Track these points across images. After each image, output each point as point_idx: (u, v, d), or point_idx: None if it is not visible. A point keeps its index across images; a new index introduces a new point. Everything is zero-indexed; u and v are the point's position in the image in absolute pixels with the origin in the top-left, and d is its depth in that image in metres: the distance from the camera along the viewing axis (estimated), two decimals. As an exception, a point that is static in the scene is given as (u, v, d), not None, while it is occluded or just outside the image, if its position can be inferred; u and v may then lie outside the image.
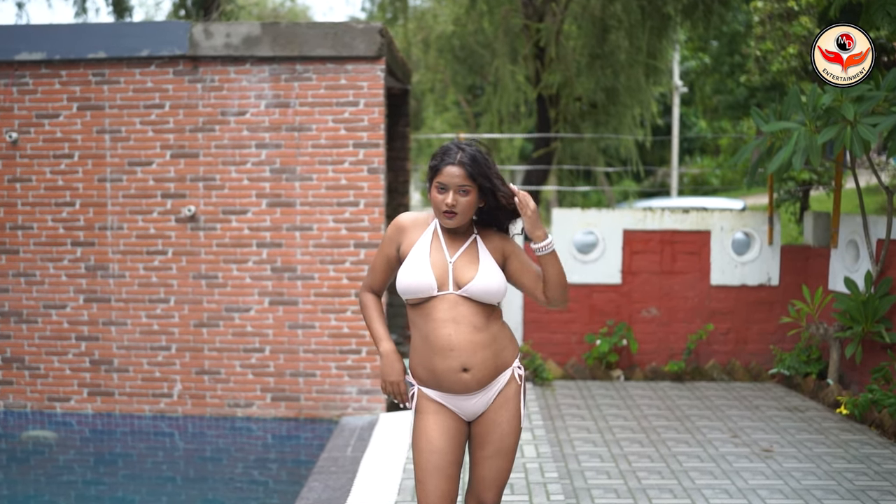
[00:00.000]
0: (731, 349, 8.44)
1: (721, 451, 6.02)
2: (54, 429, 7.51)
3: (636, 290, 8.46)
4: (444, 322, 3.11)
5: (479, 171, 3.11)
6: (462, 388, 3.15)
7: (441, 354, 3.12)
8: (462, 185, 3.09)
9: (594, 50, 11.14)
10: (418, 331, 3.19)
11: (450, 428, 3.18)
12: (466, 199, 3.11)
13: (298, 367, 7.42)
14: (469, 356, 3.12)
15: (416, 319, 3.19)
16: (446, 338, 3.11)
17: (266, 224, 7.39)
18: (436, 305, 3.13)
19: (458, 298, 3.13)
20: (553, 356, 8.43)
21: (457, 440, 3.20)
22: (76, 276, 7.53)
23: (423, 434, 3.18)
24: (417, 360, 3.21)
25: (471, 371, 3.13)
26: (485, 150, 3.20)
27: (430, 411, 3.19)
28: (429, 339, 3.14)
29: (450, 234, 3.22)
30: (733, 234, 8.44)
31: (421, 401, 3.22)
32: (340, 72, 7.26)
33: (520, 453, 5.86)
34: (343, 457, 6.05)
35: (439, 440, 3.16)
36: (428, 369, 3.17)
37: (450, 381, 3.14)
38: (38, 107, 7.47)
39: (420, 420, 3.21)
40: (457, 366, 3.12)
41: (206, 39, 7.28)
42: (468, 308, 3.13)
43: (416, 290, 3.13)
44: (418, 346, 3.19)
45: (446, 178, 3.10)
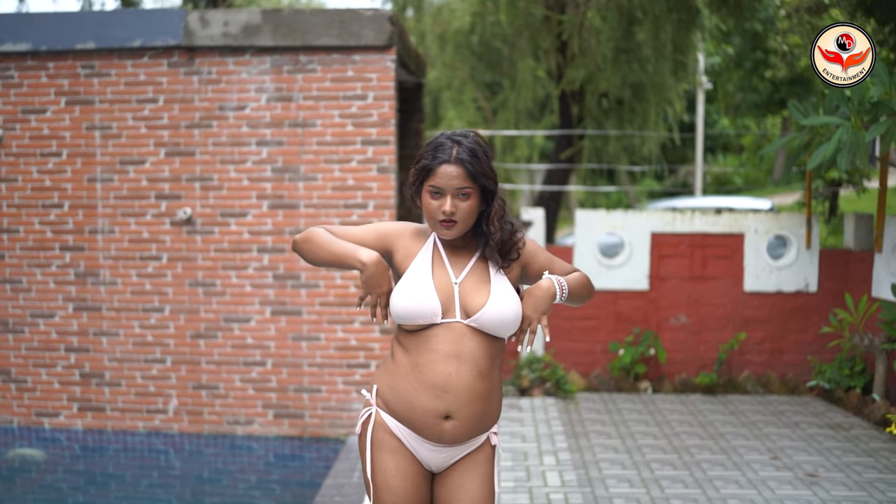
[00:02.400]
0: (766, 360, 8.09)
1: (761, 475, 5.63)
2: (42, 446, 7.20)
3: (664, 297, 8.13)
4: (446, 357, 2.58)
5: (481, 168, 2.59)
6: (435, 437, 2.63)
7: (430, 392, 2.59)
8: (462, 187, 2.57)
9: (619, 44, 10.77)
10: (408, 357, 2.64)
11: (414, 475, 2.66)
12: (467, 204, 2.58)
13: (303, 381, 7.03)
14: (461, 404, 2.60)
15: (409, 344, 2.65)
16: (444, 376, 2.58)
17: (267, 227, 7.03)
18: (437, 335, 2.60)
19: (464, 329, 2.60)
20: (576, 366, 8.11)
21: (422, 489, 2.68)
22: (65, 283, 7.19)
23: (383, 482, 2.65)
24: (392, 382, 2.66)
25: (454, 421, 2.60)
26: (483, 141, 2.66)
27: (389, 449, 2.65)
28: (421, 371, 2.60)
29: (452, 249, 2.69)
30: (768, 237, 8.03)
31: (377, 431, 2.67)
32: (347, 63, 6.88)
33: (542, 481, 5.44)
34: (349, 483, 5.62)
35: (402, 490, 2.64)
36: (405, 400, 2.62)
37: (424, 423, 2.61)
38: (23, 101, 7.17)
39: (377, 460, 2.66)
40: (442, 410, 2.59)
41: (202, 28, 6.88)
42: (476, 345, 2.61)
43: (415, 315, 2.59)
44: (402, 372, 2.64)
45: (442, 179, 2.57)
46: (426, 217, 2.63)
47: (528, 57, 11.55)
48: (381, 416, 2.67)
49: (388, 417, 2.67)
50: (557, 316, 8.04)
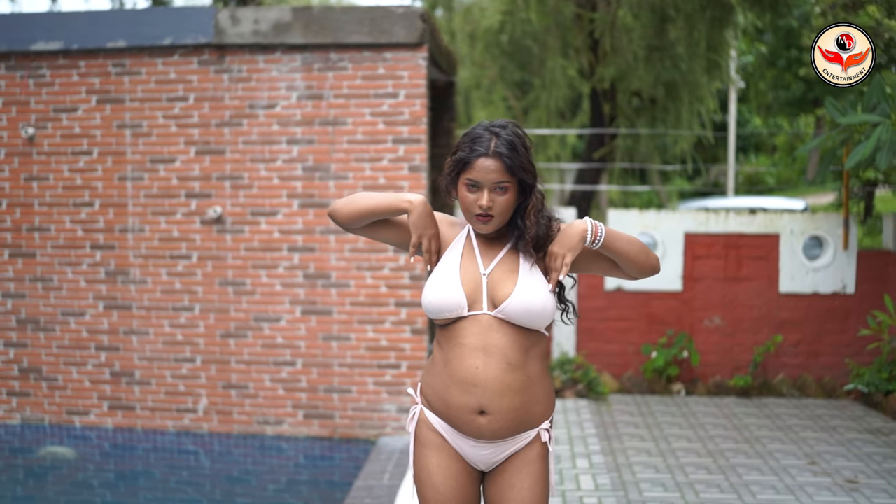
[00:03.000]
0: (802, 362, 7.96)
1: (799, 480, 5.51)
2: (73, 444, 7.20)
3: (698, 298, 8.02)
4: (473, 351, 2.52)
5: (520, 162, 2.50)
6: (474, 433, 2.56)
7: (460, 387, 2.53)
8: (499, 181, 2.49)
9: (652, 41, 10.62)
10: (441, 353, 2.60)
11: (458, 472, 2.60)
12: (504, 199, 2.51)
13: (333, 382, 6.95)
14: (493, 398, 2.52)
15: (442, 340, 2.61)
16: (471, 370, 2.52)
17: (298, 227, 6.96)
18: (465, 328, 2.54)
19: (492, 321, 2.53)
20: (608, 368, 8.01)
21: (467, 486, 2.62)
22: (95, 282, 7.16)
23: (426, 478, 2.62)
24: (431, 381, 2.63)
25: (489, 416, 2.53)
26: (522, 132, 2.58)
27: (432, 446, 2.61)
28: (451, 366, 2.55)
29: (484, 240, 2.63)
30: (804, 238, 7.90)
31: (421, 428, 2.64)
32: (378, 60, 6.79)
33: (575, 485, 5.35)
34: (378, 485, 5.54)
35: (445, 486, 2.59)
36: (440, 397, 2.59)
37: (460, 420, 2.56)
38: (55, 100, 7.16)
39: (420, 456, 2.64)
40: (474, 405, 2.53)
41: (232, 26, 6.83)
42: (504, 336, 2.53)
43: (441, 309, 2.54)
44: (437, 368, 2.60)
45: (479, 173, 2.49)
46: (462, 210, 2.57)
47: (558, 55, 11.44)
48: (425, 413, 2.65)
49: (430, 415, 2.63)
50: (590, 318, 7.98)
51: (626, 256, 2.59)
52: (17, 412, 7.34)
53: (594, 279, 7.89)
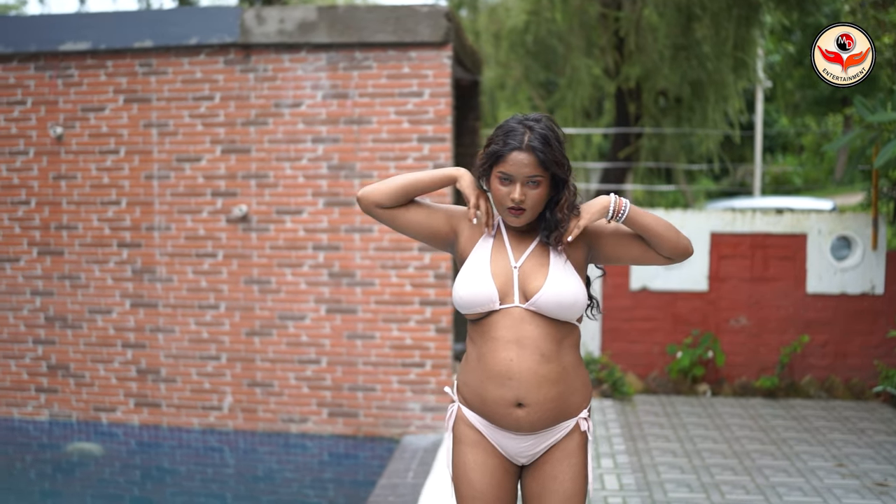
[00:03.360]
0: (830, 364, 7.86)
1: (826, 482, 5.45)
2: (100, 440, 7.25)
3: (724, 298, 7.95)
4: (506, 343, 2.53)
5: (553, 156, 2.50)
6: (512, 426, 2.57)
7: (495, 381, 2.54)
8: (532, 175, 2.49)
9: (677, 40, 10.55)
10: (475, 348, 2.61)
11: (495, 468, 2.61)
12: (537, 192, 2.51)
13: (357, 380, 6.95)
14: (529, 390, 2.53)
15: (474, 335, 2.62)
16: (505, 363, 2.52)
17: (323, 225, 6.95)
18: (497, 322, 2.54)
19: (524, 314, 2.54)
20: (633, 368, 7.97)
21: (504, 483, 2.62)
22: (122, 280, 7.20)
23: (462, 475, 2.62)
24: (466, 379, 2.64)
25: (526, 408, 2.54)
26: (556, 127, 2.58)
27: (469, 442, 2.62)
28: (485, 361, 2.56)
29: (515, 233, 2.63)
30: (832, 238, 7.82)
31: (458, 426, 2.65)
32: (403, 59, 6.79)
33: (600, 484, 5.33)
34: (403, 483, 5.53)
35: (481, 483, 2.59)
36: (477, 394, 2.59)
37: (499, 414, 2.56)
38: (83, 100, 7.20)
39: (458, 453, 2.64)
40: (511, 398, 2.53)
41: (258, 26, 6.85)
42: (537, 328, 2.53)
43: (473, 303, 2.54)
44: (472, 365, 2.61)
45: (512, 166, 2.49)
46: (494, 202, 2.57)
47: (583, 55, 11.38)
48: (463, 410, 2.65)
49: (468, 412, 2.64)
50: (615, 317, 7.93)
51: (653, 232, 2.58)
52: (45, 408, 7.40)
53: (620, 278, 7.85)
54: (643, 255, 2.65)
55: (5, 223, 7.37)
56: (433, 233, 2.68)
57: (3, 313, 7.41)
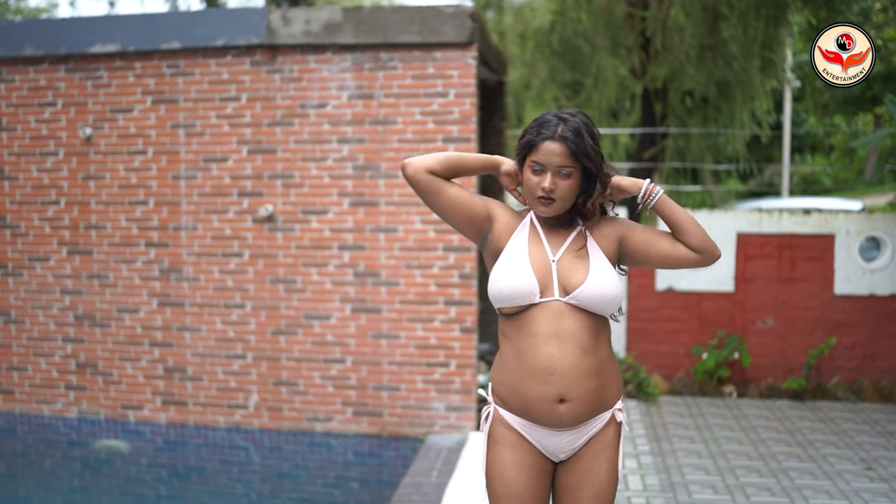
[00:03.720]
0: (858, 365, 7.80)
1: (854, 486, 5.41)
2: (127, 438, 7.30)
3: (750, 299, 7.92)
4: (546, 339, 2.53)
5: (584, 148, 2.52)
6: (554, 422, 2.57)
7: (537, 378, 2.53)
8: (563, 165, 2.52)
9: (704, 40, 10.49)
10: (511, 345, 2.59)
11: (531, 467, 2.60)
12: (568, 183, 2.54)
13: (382, 380, 6.96)
14: (571, 384, 2.53)
15: (510, 332, 2.60)
16: (547, 359, 2.52)
17: (348, 225, 6.97)
18: (535, 316, 2.54)
19: (563, 308, 2.54)
20: (659, 369, 7.93)
21: (539, 482, 2.62)
22: (150, 279, 7.26)
23: (498, 474, 2.61)
24: (503, 378, 2.62)
25: (569, 403, 2.54)
26: (590, 122, 2.61)
27: (506, 443, 2.60)
28: (524, 358, 2.55)
29: (549, 226, 2.64)
30: (860, 239, 7.75)
31: (496, 427, 2.63)
32: (428, 60, 6.79)
33: (624, 485, 5.31)
34: (427, 482, 5.54)
35: (517, 482, 2.58)
36: (517, 393, 2.58)
37: (540, 411, 2.56)
38: (112, 101, 7.26)
39: (494, 453, 2.63)
40: (553, 394, 2.53)
41: (284, 27, 6.88)
42: (576, 322, 2.54)
43: (513, 296, 2.54)
44: (509, 363, 2.60)
45: (544, 156, 2.53)
46: (526, 192, 2.60)
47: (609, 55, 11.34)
48: (500, 412, 2.64)
49: (505, 413, 2.63)
50: (641, 318, 7.91)
51: (681, 222, 2.62)
52: (73, 406, 7.48)
53: (645, 279, 7.82)
54: (671, 251, 2.66)
55: (36, 223, 7.46)
56: (471, 216, 2.66)
57: (33, 311, 7.50)
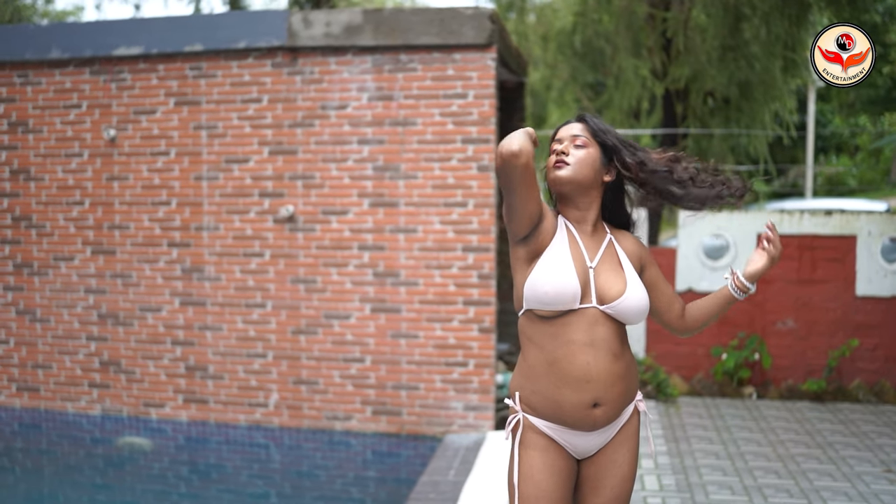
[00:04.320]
0: (880, 367, 7.74)
1: (873, 488, 5.37)
2: (149, 435, 7.38)
3: (771, 300, 7.88)
4: (583, 347, 2.55)
5: (599, 125, 2.66)
6: (588, 426, 2.61)
7: (573, 387, 2.56)
8: (577, 135, 2.65)
9: (726, 41, 10.43)
10: (542, 353, 2.60)
11: (560, 469, 2.62)
12: (583, 152, 2.62)
13: (401, 379, 7.00)
14: (605, 390, 2.58)
15: (540, 338, 2.60)
16: (584, 367, 2.55)
17: (368, 225, 7.01)
18: (572, 323, 2.55)
19: (598, 315, 2.57)
20: (678, 370, 7.91)
21: (567, 484, 2.65)
22: (172, 279, 7.34)
23: (528, 476, 2.61)
24: (533, 387, 2.62)
25: (603, 406, 2.59)
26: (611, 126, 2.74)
27: (537, 447, 2.62)
28: (559, 366, 2.57)
29: (585, 233, 2.66)
30: (882, 240, 7.70)
31: (526, 434, 2.63)
32: (448, 61, 6.83)
33: (640, 484, 5.32)
34: (444, 481, 5.58)
35: (547, 483, 2.60)
36: (550, 400, 2.59)
37: (576, 417, 2.59)
38: (135, 103, 7.35)
39: (525, 457, 2.63)
40: (589, 400, 2.57)
41: (305, 29, 6.94)
42: (608, 329, 2.58)
43: (556, 300, 2.53)
44: (539, 371, 2.60)
45: (562, 133, 2.69)
46: (547, 176, 2.69)
47: (630, 56, 11.31)
48: (529, 419, 2.65)
49: (535, 420, 2.64)
50: (659, 318, 7.89)
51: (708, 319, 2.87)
52: (97, 403, 7.58)
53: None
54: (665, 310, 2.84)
55: (61, 223, 7.57)
56: (535, 211, 2.57)
57: (58, 310, 7.61)
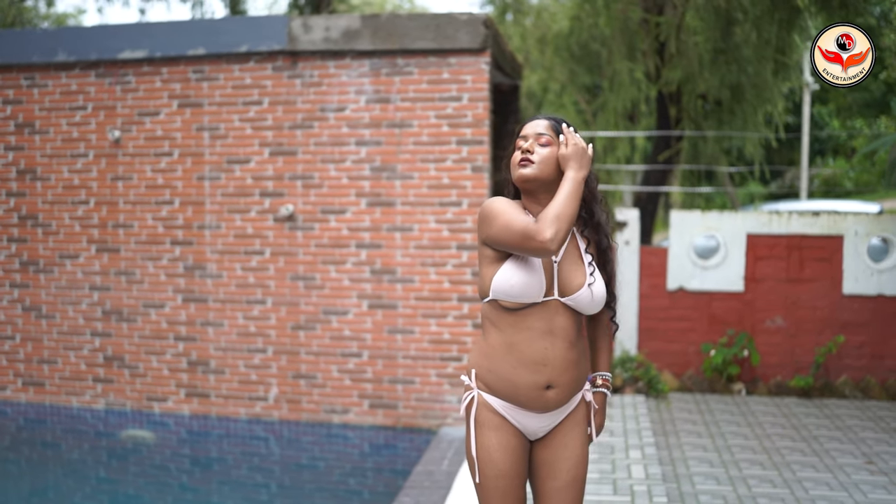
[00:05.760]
0: (866, 364, 7.84)
1: (854, 478, 5.49)
2: (152, 429, 7.52)
3: (760, 299, 7.98)
4: (542, 334, 2.73)
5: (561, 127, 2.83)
6: (540, 407, 2.78)
7: (530, 369, 2.74)
8: (542, 133, 2.79)
9: (718, 44, 10.56)
10: (503, 336, 2.77)
11: (515, 448, 2.80)
12: (546, 150, 2.77)
13: (397, 373, 7.16)
14: (558, 374, 2.76)
15: (503, 325, 2.77)
16: (541, 352, 2.73)
17: (365, 224, 7.18)
18: (534, 313, 2.73)
19: (558, 307, 2.75)
20: (669, 367, 8.03)
21: (521, 461, 2.83)
22: (175, 276, 7.49)
23: (486, 457, 2.79)
24: (491, 366, 2.79)
25: (555, 389, 2.77)
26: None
27: (492, 426, 2.79)
28: (518, 349, 2.75)
29: None
30: (869, 240, 7.82)
31: (481, 411, 2.80)
32: (443, 65, 6.99)
33: (627, 473, 5.47)
34: (438, 471, 5.75)
35: (504, 462, 2.78)
36: (507, 380, 2.76)
37: (530, 397, 2.76)
38: (139, 105, 7.50)
39: (480, 436, 2.79)
40: (543, 382, 2.75)
41: (304, 34, 7.11)
42: (566, 319, 2.76)
43: (522, 295, 2.71)
44: (498, 352, 2.77)
45: (527, 130, 2.84)
46: (511, 172, 2.84)
47: (625, 59, 11.43)
48: (483, 397, 2.81)
49: (489, 397, 2.80)
50: (652, 317, 8.00)
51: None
52: (101, 397, 7.74)
53: (657, 278, 7.94)
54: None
55: (66, 222, 7.74)
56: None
57: (63, 307, 7.78)
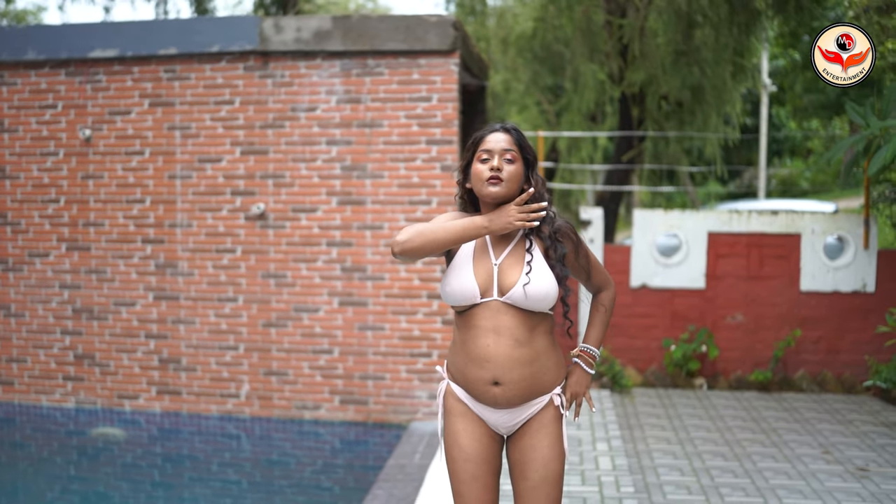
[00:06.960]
0: (823, 359, 8.04)
1: (811, 468, 5.67)
2: (123, 426, 7.53)
3: (721, 296, 8.14)
4: (485, 331, 2.87)
5: (523, 140, 2.92)
6: (490, 401, 2.92)
7: (476, 363, 2.89)
8: (508, 149, 2.87)
9: (679, 47, 10.74)
10: (458, 334, 2.96)
11: (481, 435, 2.95)
12: (513, 168, 2.86)
13: (367, 369, 7.25)
14: (504, 371, 2.87)
15: (459, 323, 2.96)
16: (483, 348, 2.87)
17: (336, 223, 7.26)
18: (478, 313, 2.88)
19: (500, 306, 2.87)
20: (633, 362, 8.18)
21: (490, 449, 2.97)
22: (146, 274, 7.52)
23: (453, 441, 2.97)
24: (453, 359, 2.99)
25: (502, 386, 2.88)
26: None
27: (458, 413, 2.97)
28: (467, 346, 2.91)
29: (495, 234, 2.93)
30: (825, 238, 8.02)
31: (448, 399, 3.01)
32: (413, 66, 7.09)
33: (594, 465, 5.61)
34: (410, 464, 5.85)
35: (471, 447, 2.94)
36: (461, 373, 2.95)
37: (478, 390, 2.92)
38: (110, 104, 7.51)
39: (449, 423, 2.99)
40: (488, 377, 2.88)
41: (276, 34, 7.18)
42: (511, 318, 2.86)
43: (458, 298, 2.88)
44: (457, 348, 2.97)
45: (491, 143, 2.88)
46: (474, 183, 2.88)
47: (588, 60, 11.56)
48: (451, 386, 2.99)
49: (455, 387, 2.98)
50: (616, 314, 8.04)
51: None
52: (71, 396, 7.74)
53: (620, 276, 8.08)
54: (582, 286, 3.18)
55: (36, 220, 7.73)
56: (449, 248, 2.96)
57: (33, 305, 7.77)
